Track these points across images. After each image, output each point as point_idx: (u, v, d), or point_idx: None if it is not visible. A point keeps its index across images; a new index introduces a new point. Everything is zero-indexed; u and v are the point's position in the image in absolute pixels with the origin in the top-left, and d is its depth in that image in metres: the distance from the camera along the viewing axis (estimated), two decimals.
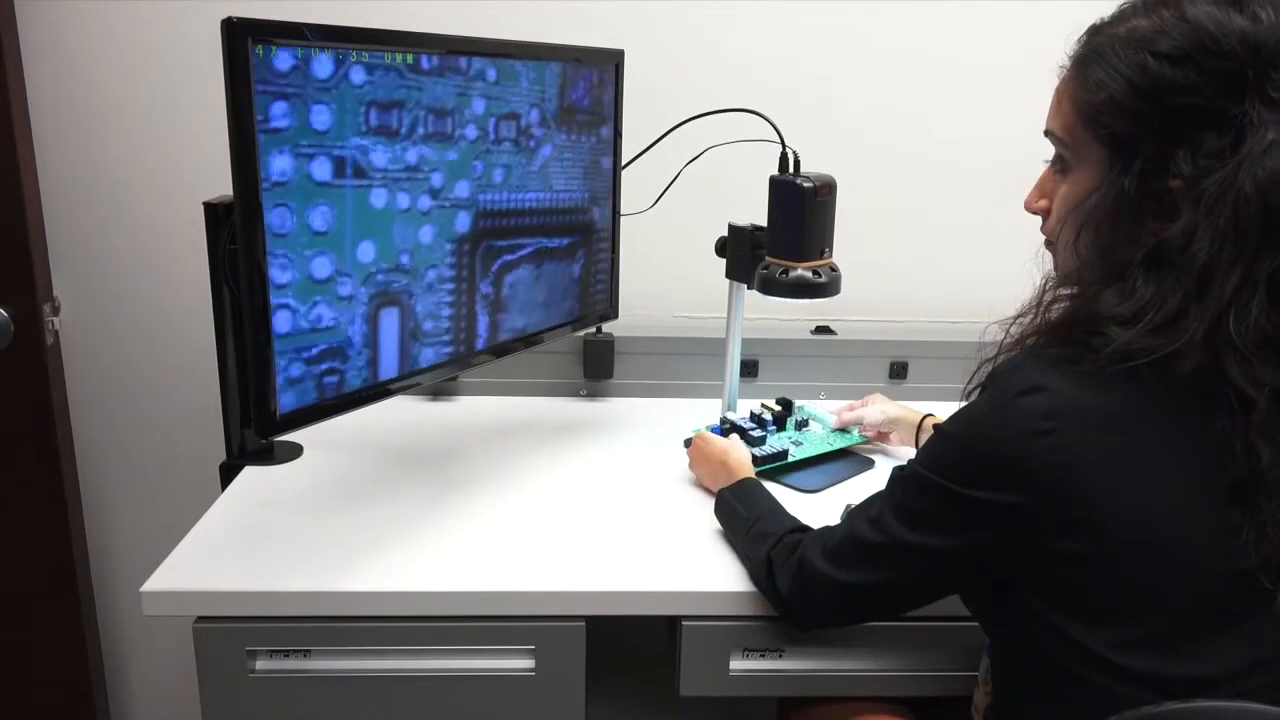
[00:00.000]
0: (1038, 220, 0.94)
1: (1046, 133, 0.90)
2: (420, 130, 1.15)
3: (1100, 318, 0.80)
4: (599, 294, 1.50)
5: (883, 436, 1.49)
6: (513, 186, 1.30)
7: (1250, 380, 0.76)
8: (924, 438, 1.43)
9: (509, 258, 1.32)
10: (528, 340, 1.41)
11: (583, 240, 1.44)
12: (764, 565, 1.05)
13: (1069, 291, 0.86)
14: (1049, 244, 0.93)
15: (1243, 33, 0.76)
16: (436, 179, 1.18)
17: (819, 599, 0.99)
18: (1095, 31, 0.86)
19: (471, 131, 1.22)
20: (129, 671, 1.93)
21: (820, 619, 1.04)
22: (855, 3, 1.67)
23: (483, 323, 1.30)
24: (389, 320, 1.15)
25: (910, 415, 1.46)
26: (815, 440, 1.46)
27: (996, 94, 1.71)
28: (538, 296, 1.39)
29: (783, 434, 1.48)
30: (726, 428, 1.42)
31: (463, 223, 1.24)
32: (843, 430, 1.50)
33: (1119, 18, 0.85)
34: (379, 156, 1.10)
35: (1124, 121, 0.80)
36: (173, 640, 1.89)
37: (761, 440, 1.42)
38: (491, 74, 1.23)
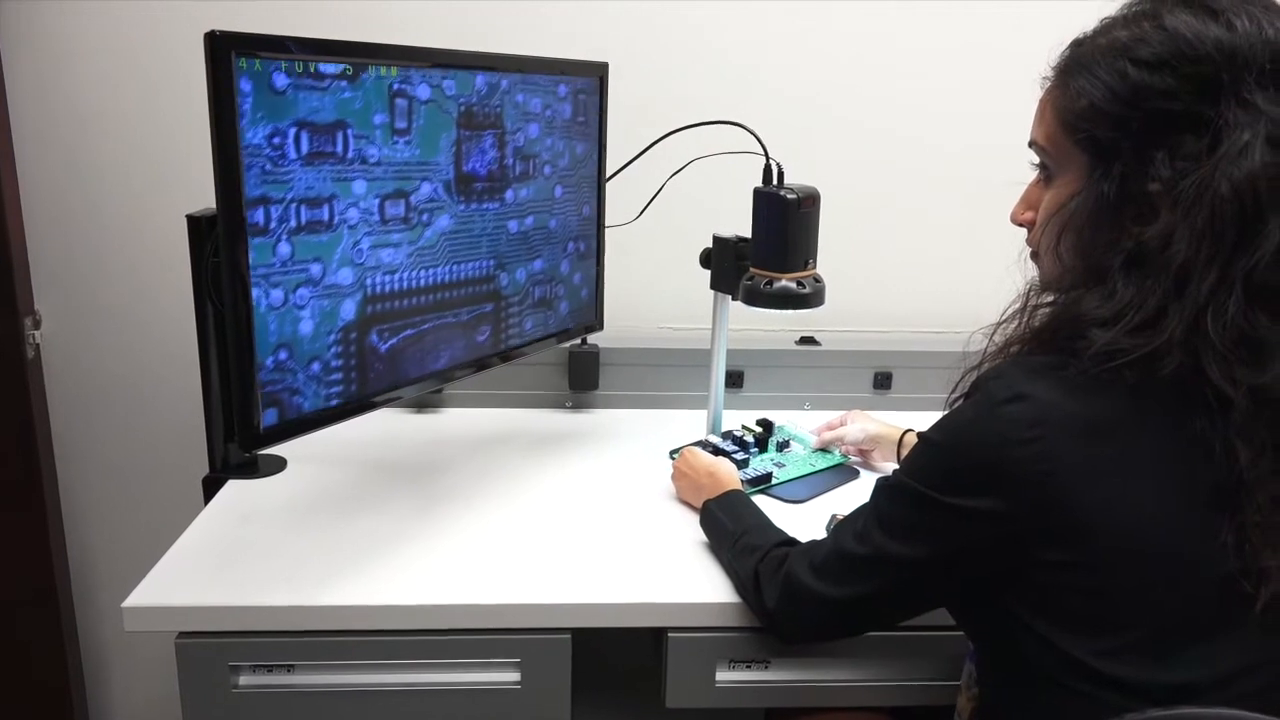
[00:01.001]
0: (1021, 230, 0.95)
1: (1031, 143, 0.90)
2: (292, 222, 1.06)
3: (1082, 321, 0.81)
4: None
5: (864, 454, 1.50)
6: (404, 265, 1.21)
7: (1229, 379, 0.76)
8: (905, 453, 1.43)
9: (403, 340, 1.23)
10: (504, 356, 1.41)
11: (491, 312, 1.36)
12: (751, 580, 1.05)
13: (1052, 298, 0.87)
14: (1034, 255, 0.93)
15: (1218, 40, 0.78)
16: (315, 269, 1.10)
17: (806, 614, 0.99)
18: (1078, 44, 0.87)
19: (353, 215, 1.13)
20: (110, 687, 1.91)
21: (808, 634, 1.04)
22: (840, 17, 1.68)
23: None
24: (269, 419, 1.08)
25: (890, 431, 1.46)
26: (798, 461, 1.46)
27: (981, 106, 1.72)
28: (438, 368, 1.31)
29: (765, 455, 1.48)
30: (710, 451, 1.42)
31: (347, 310, 1.14)
32: (824, 450, 1.50)
33: (1100, 30, 0.86)
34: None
35: (1104, 126, 0.82)
36: (155, 655, 1.87)
37: (744, 463, 1.41)
38: (371, 152, 1.13)
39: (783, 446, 1.51)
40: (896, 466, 1.42)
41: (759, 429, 1.51)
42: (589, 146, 1.47)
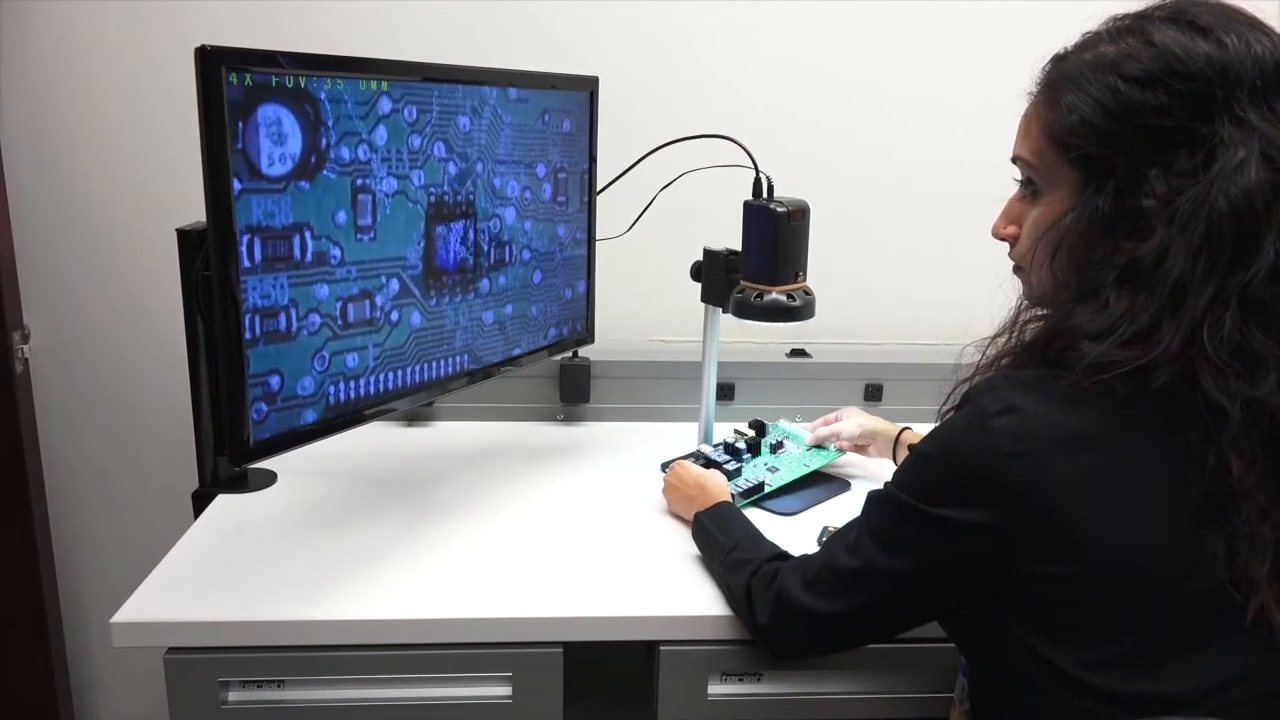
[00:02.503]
0: None
1: (1015, 159, 0.91)
2: (246, 335, 1.03)
3: (1073, 334, 0.81)
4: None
5: (860, 449, 1.50)
6: (370, 369, 1.17)
7: (1224, 392, 0.77)
8: (900, 451, 1.43)
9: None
10: (504, 363, 1.40)
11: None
12: (743, 594, 1.05)
13: (1044, 312, 0.87)
14: (1017, 269, 0.94)
15: (1209, 57, 0.78)
16: (273, 382, 1.06)
17: (798, 630, 0.98)
18: (1060, 59, 0.87)
19: (314, 321, 1.09)
20: (98, 703, 1.90)
21: (801, 649, 1.03)
22: (831, 31, 1.69)
23: None
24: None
25: (887, 428, 1.46)
26: (791, 461, 1.46)
27: (972, 119, 1.73)
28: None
29: (758, 459, 1.47)
30: (702, 463, 1.41)
31: (308, 420, 1.12)
32: (819, 446, 1.50)
33: (1083, 45, 0.86)
34: None
35: (1097, 143, 0.82)
36: (143, 671, 1.86)
37: (737, 472, 1.41)
38: (334, 253, 1.09)
39: (776, 447, 1.50)
40: (892, 463, 1.43)
41: (751, 432, 1.51)
42: (570, 227, 1.45)
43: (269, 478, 1.41)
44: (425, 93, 1.19)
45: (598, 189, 1.50)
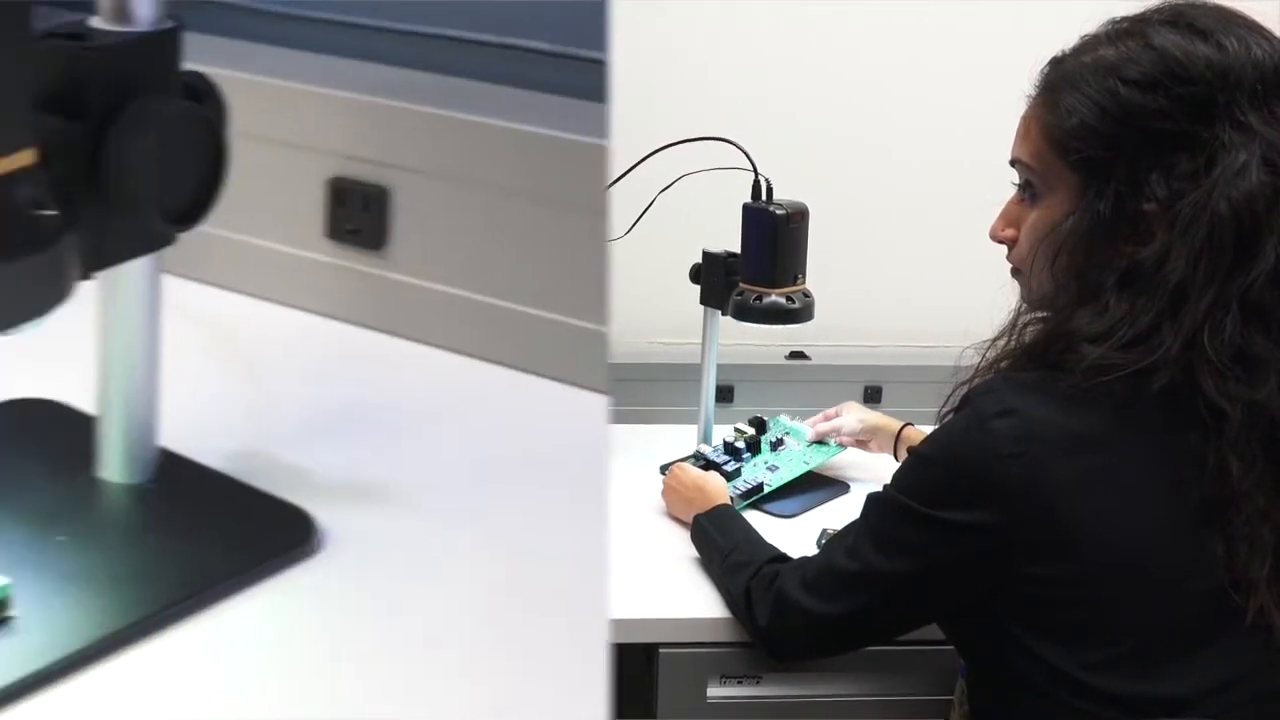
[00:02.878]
0: None
1: (1013, 161, 0.91)
2: None
3: (1073, 337, 0.81)
4: None
5: (861, 444, 1.49)
6: None
7: (1224, 395, 0.77)
8: (902, 446, 1.43)
9: None
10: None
11: None
12: (742, 597, 1.04)
13: (1043, 315, 0.88)
14: (1015, 272, 0.94)
15: (1209, 60, 0.79)
16: None
17: (798, 632, 0.98)
18: (1059, 61, 0.88)
19: None
20: None
21: (799, 652, 1.03)
22: (830, 33, 1.69)
23: None
24: None
25: (889, 423, 1.46)
26: (792, 459, 1.45)
27: (973, 120, 1.72)
28: None
29: (758, 458, 1.47)
30: (701, 464, 1.41)
31: None
32: (819, 442, 1.50)
33: (1082, 48, 0.87)
34: None
35: (1097, 146, 0.82)
36: None
37: (736, 473, 1.40)
38: None
39: (777, 444, 1.49)
40: (893, 459, 1.43)
41: (751, 430, 1.50)
42: None
43: None
44: None
45: None
